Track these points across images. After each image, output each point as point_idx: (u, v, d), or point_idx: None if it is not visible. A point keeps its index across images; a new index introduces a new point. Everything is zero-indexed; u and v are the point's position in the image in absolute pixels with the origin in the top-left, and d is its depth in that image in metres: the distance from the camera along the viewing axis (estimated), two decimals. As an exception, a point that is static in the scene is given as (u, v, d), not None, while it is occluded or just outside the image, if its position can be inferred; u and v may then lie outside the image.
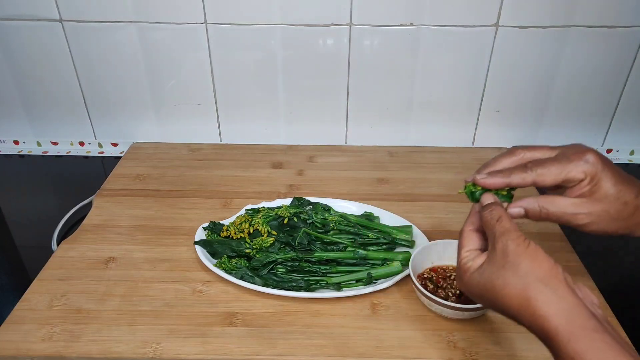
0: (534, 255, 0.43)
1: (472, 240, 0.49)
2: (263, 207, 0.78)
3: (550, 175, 0.49)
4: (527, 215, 0.51)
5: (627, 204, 0.49)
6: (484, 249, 0.49)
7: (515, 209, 0.51)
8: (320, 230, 0.72)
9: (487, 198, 0.50)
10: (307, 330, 0.60)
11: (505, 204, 0.51)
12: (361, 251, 0.69)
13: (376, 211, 0.77)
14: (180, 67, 0.92)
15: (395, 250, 0.71)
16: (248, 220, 0.73)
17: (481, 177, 0.51)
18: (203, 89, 0.94)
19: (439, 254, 0.66)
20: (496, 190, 0.52)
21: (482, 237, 0.50)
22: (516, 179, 0.50)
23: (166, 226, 0.76)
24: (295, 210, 0.74)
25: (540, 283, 0.42)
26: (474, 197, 0.53)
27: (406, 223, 0.74)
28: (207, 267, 0.67)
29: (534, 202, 0.50)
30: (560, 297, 0.41)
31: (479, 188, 0.52)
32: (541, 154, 0.51)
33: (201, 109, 0.96)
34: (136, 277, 0.67)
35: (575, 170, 0.49)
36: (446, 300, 0.59)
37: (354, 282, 0.66)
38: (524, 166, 0.50)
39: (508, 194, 0.52)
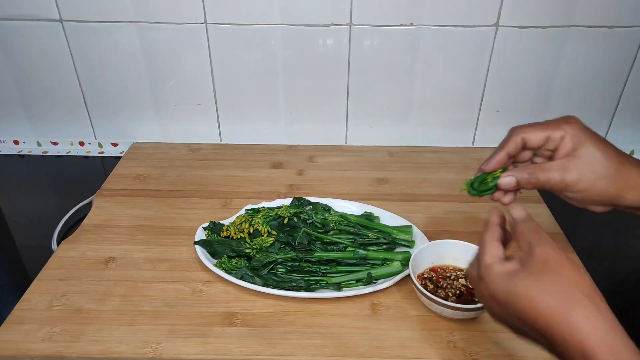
0: (576, 268, 0.42)
1: (497, 248, 0.47)
2: (263, 207, 0.78)
3: (535, 136, 0.52)
4: (519, 184, 0.53)
5: (611, 159, 0.51)
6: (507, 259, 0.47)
7: (507, 178, 0.53)
8: (320, 230, 0.72)
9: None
10: (307, 330, 0.60)
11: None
12: (361, 251, 0.69)
13: (376, 211, 0.77)
14: (180, 67, 0.92)
15: (395, 250, 0.71)
16: (248, 220, 0.73)
17: (486, 164, 0.55)
18: (203, 89, 0.94)
19: (439, 254, 0.66)
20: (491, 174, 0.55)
21: (504, 249, 0.48)
22: (510, 146, 0.54)
23: (166, 226, 0.76)
24: (295, 210, 0.74)
25: (585, 297, 0.40)
26: (478, 190, 0.55)
27: (406, 223, 0.74)
28: (207, 267, 0.67)
29: (523, 171, 0.53)
30: (604, 316, 0.40)
31: (490, 180, 0.54)
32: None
33: (201, 109, 0.96)
34: (136, 277, 0.67)
35: (557, 129, 0.52)
36: (446, 300, 0.59)
37: (354, 282, 0.66)
38: (506, 140, 0.54)
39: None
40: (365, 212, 0.77)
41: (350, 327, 0.60)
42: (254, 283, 0.64)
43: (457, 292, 0.62)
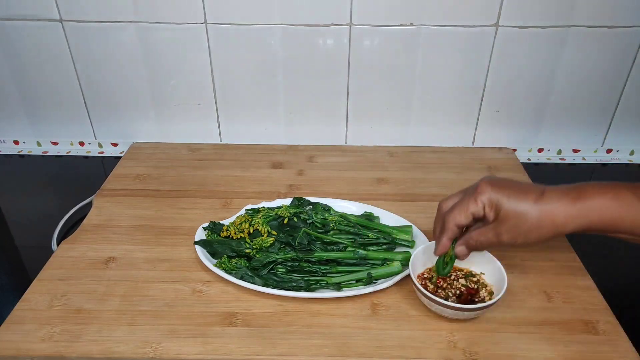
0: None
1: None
2: (263, 207, 0.78)
3: (464, 219, 0.57)
4: (470, 251, 0.60)
5: (529, 211, 0.53)
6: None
7: (459, 248, 0.60)
8: (320, 230, 0.72)
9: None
10: (307, 330, 0.60)
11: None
12: (361, 251, 0.69)
13: (376, 211, 0.77)
14: (180, 67, 0.92)
15: (395, 250, 0.71)
16: (248, 220, 0.73)
17: (436, 250, 0.61)
18: (203, 89, 0.94)
19: (439, 254, 0.66)
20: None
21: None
22: (449, 234, 0.59)
23: (166, 226, 0.76)
24: (295, 210, 0.74)
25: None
26: (445, 271, 0.62)
27: (406, 223, 0.74)
28: (207, 267, 0.67)
29: (470, 238, 0.58)
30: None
31: (448, 260, 0.62)
32: (452, 202, 0.60)
33: (201, 109, 0.96)
34: (136, 277, 0.67)
35: (475, 204, 0.56)
36: (446, 300, 0.59)
37: (354, 282, 0.66)
38: (443, 226, 0.59)
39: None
40: (365, 212, 0.77)
41: (350, 327, 0.60)
42: (254, 283, 0.64)
43: (457, 292, 0.62)
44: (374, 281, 0.66)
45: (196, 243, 0.71)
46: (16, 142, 1.03)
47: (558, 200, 0.53)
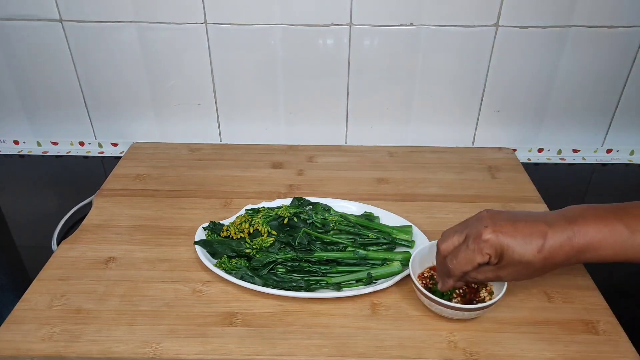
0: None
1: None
2: (263, 207, 0.78)
3: (468, 269, 0.55)
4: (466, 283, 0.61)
5: (532, 253, 0.52)
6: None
7: (458, 283, 0.59)
8: (320, 230, 0.72)
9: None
10: (307, 330, 0.60)
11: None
12: (361, 251, 0.69)
13: (376, 211, 0.77)
14: (180, 67, 0.92)
15: (395, 250, 0.71)
16: (248, 220, 0.73)
17: (440, 287, 0.60)
18: (203, 89, 0.94)
19: (439, 254, 0.66)
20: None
21: None
22: (454, 279, 0.58)
23: (166, 226, 0.76)
24: (295, 210, 0.74)
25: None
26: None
27: (406, 223, 0.74)
28: (207, 267, 0.67)
29: (466, 277, 0.57)
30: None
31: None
32: (452, 244, 0.57)
33: (201, 109, 0.96)
34: (136, 277, 0.67)
35: (480, 257, 0.54)
36: (447, 300, 0.59)
37: (354, 282, 0.66)
38: (449, 272, 0.57)
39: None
40: (365, 212, 0.77)
41: (350, 327, 0.60)
42: (254, 283, 0.64)
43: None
44: (374, 281, 0.66)
45: (196, 243, 0.71)
46: (16, 142, 1.03)
47: (560, 249, 0.52)
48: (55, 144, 1.02)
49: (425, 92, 0.93)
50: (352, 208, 0.78)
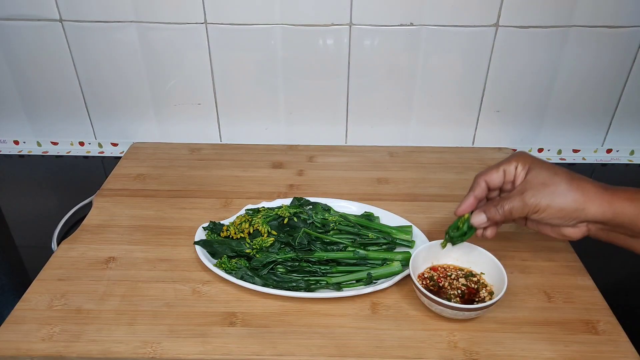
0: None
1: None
2: (263, 207, 0.78)
3: (494, 175, 0.60)
4: (489, 219, 0.60)
5: (560, 175, 0.56)
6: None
7: (477, 216, 0.60)
8: (320, 230, 0.72)
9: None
10: (307, 330, 0.60)
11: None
12: (361, 251, 0.69)
13: (376, 211, 0.77)
14: (180, 67, 0.92)
15: (395, 250, 0.71)
16: (248, 220, 0.73)
17: (457, 210, 0.62)
18: (203, 89, 0.94)
19: (439, 254, 0.66)
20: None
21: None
22: (476, 190, 0.61)
23: (166, 226, 0.76)
24: (295, 210, 0.74)
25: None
26: (453, 236, 0.63)
27: (406, 223, 0.74)
28: (207, 267, 0.67)
29: (489, 205, 0.59)
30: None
31: (461, 225, 0.62)
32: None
33: (201, 109, 0.96)
34: (136, 277, 0.67)
35: (509, 163, 0.59)
36: (447, 300, 0.59)
37: (354, 282, 0.66)
38: (475, 182, 0.61)
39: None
40: (365, 212, 0.77)
41: (350, 327, 0.60)
42: (254, 283, 0.64)
43: (458, 292, 0.62)
44: (374, 281, 0.66)
45: (196, 243, 0.71)
46: (16, 142, 1.03)
47: (590, 182, 0.55)
48: (55, 144, 1.02)
49: (425, 92, 0.93)
50: (352, 208, 0.78)
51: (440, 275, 0.65)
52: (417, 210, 0.79)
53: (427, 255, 0.65)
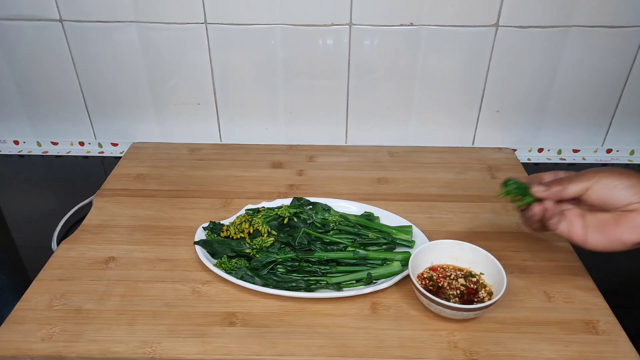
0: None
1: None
2: (263, 207, 0.78)
3: (574, 187, 0.59)
4: (547, 189, 0.60)
5: (631, 177, 0.57)
6: None
7: (538, 187, 0.61)
8: (320, 230, 0.72)
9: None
10: (307, 330, 0.60)
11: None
12: (361, 251, 0.69)
13: (376, 211, 0.77)
14: (180, 67, 0.92)
15: (395, 250, 0.71)
16: (248, 220, 0.73)
17: (539, 189, 0.61)
18: (203, 89, 0.94)
19: (438, 254, 0.66)
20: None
21: None
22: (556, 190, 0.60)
23: (166, 226, 0.76)
24: (295, 210, 0.74)
25: None
26: (508, 190, 0.63)
27: (406, 223, 0.74)
28: (207, 267, 0.67)
29: (555, 182, 0.60)
30: None
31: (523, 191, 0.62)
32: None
33: (201, 109, 0.96)
34: (136, 277, 0.67)
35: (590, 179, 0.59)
36: (446, 300, 0.59)
37: (354, 282, 0.66)
38: (560, 182, 0.60)
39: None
40: (365, 212, 0.77)
41: (350, 327, 0.60)
42: (254, 283, 0.64)
43: (457, 292, 0.62)
44: (374, 281, 0.66)
45: (196, 243, 0.71)
46: (16, 142, 1.03)
47: None
48: (55, 144, 1.02)
49: (425, 92, 0.93)
50: (352, 208, 0.78)
51: (440, 275, 0.65)
52: (417, 210, 0.79)
53: (427, 255, 0.65)
